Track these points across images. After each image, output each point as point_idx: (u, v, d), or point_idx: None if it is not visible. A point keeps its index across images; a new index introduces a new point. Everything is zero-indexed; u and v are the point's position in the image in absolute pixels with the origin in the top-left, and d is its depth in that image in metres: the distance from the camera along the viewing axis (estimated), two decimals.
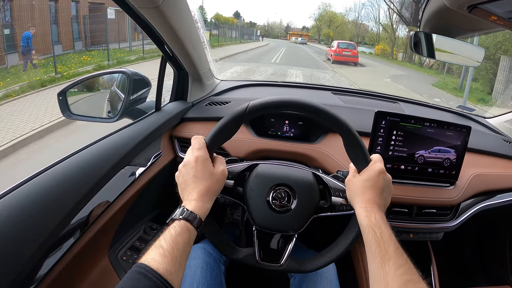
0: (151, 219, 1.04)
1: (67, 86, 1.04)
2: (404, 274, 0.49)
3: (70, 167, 0.71)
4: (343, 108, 1.19)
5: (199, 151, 0.60)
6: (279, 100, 0.63)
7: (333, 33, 46.72)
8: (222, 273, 0.85)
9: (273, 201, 0.68)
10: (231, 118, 0.63)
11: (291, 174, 0.72)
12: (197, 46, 1.00)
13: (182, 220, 0.53)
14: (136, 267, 0.46)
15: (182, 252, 0.50)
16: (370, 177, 0.62)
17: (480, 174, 1.02)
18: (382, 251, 0.53)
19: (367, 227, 0.57)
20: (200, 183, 0.58)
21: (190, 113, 1.11)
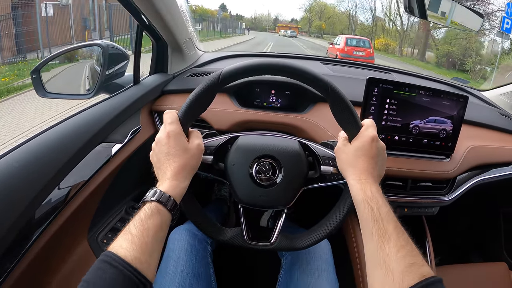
0: (133, 198, 0.99)
1: (40, 63, 0.98)
2: (407, 256, 0.45)
3: (41, 145, 0.66)
4: (333, 77, 1.14)
5: (171, 126, 0.55)
6: (255, 63, 0.57)
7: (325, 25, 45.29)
8: (208, 255, 0.80)
9: (257, 175, 0.63)
10: (203, 88, 0.57)
11: (275, 144, 0.66)
12: (174, 13, 0.93)
13: (154, 202, 0.48)
14: (102, 255, 0.43)
15: (153, 238, 0.46)
16: (363, 145, 0.56)
17: (476, 147, 0.98)
18: (381, 230, 0.48)
19: (362, 202, 0.52)
20: (174, 160, 0.54)
21: (170, 85, 1.04)
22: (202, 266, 0.75)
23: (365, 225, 0.50)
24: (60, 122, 0.74)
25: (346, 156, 0.58)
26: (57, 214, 0.68)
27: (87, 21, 11.07)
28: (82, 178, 0.75)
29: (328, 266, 0.77)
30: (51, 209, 0.66)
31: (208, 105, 0.59)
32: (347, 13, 42.42)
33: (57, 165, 0.65)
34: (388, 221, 0.48)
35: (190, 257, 0.74)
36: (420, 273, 0.43)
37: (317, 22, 47.58)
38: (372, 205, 0.50)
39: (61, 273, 0.73)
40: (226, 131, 0.93)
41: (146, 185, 1.03)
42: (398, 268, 0.43)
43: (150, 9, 0.85)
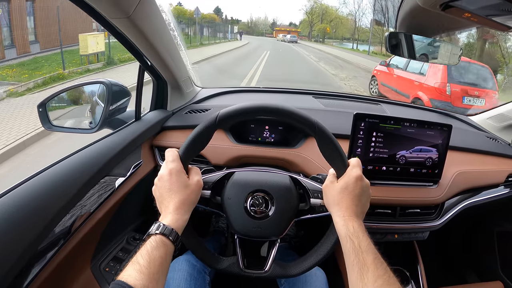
0: (134, 229, 1.03)
1: (47, 97, 1.03)
2: (383, 285, 0.49)
3: (48, 179, 0.70)
4: (324, 111, 1.19)
5: (173, 164, 0.60)
6: (248, 107, 0.63)
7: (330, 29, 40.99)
8: (207, 284, 0.84)
9: (251, 208, 0.68)
10: (201, 129, 0.63)
11: (268, 179, 0.71)
12: (173, 54, 0.99)
13: (158, 235, 0.53)
14: (113, 284, 0.46)
15: (159, 268, 0.50)
16: (347, 185, 0.61)
17: (463, 172, 1.02)
18: (361, 262, 0.52)
19: (345, 237, 0.56)
20: (175, 196, 0.58)
21: (170, 121, 1.10)
22: None
23: (347, 258, 0.55)
24: (67, 157, 0.79)
25: (332, 194, 0.63)
26: (63, 244, 0.72)
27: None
28: (87, 210, 0.79)
29: None
30: (58, 239, 0.70)
31: (206, 144, 0.65)
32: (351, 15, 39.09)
33: (65, 198, 0.69)
34: (368, 253, 0.53)
35: (190, 286, 0.78)
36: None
37: (320, 26, 43.48)
38: (353, 239, 0.55)
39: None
40: (223, 166, 0.98)
41: (146, 216, 1.08)
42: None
43: (151, 52, 0.91)
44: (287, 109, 0.63)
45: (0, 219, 0.57)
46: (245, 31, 46.42)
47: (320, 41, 41.28)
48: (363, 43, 33.84)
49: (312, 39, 44.00)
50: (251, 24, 55.47)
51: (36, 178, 0.69)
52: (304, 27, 48.64)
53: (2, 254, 0.55)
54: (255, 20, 56.82)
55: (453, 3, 0.67)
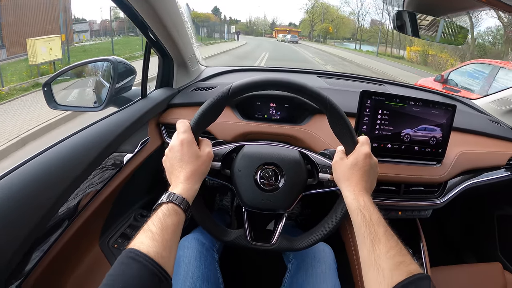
0: (141, 206, 1.04)
1: (52, 76, 1.03)
2: (396, 255, 0.50)
3: (57, 155, 0.71)
4: (329, 90, 1.20)
5: (184, 134, 0.60)
6: (261, 80, 0.63)
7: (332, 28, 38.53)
8: (215, 261, 0.85)
9: (261, 181, 0.69)
10: (214, 100, 0.63)
11: (278, 152, 0.72)
12: (181, 31, 0.99)
13: (170, 203, 0.53)
14: (125, 252, 0.45)
15: (172, 235, 0.50)
16: (357, 161, 0.62)
17: (466, 152, 1.04)
18: (372, 233, 0.53)
19: (355, 210, 0.57)
20: (186, 166, 0.59)
21: (176, 99, 1.10)
22: (211, 270, 0.80)
23: (359, 230, 0.56)
24: (74, 133, 0.79)
25: (342, 170, 0.64)
26: (72, 221, 0.73)
27: None
28: (96, 186, 0.80)
29: (332, 270, 0.82)
30: (67, 216, 0.71)
31: (217, 117, 0.65)
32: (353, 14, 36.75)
33: (73, 174, 0.70)
34: (379, 226, 0.54)
35: (200, 263, 0.79)
36: (408, 270, 0.48)
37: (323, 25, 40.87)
38: (364, 212, 0.56)
39: (75, 274, 0.77)
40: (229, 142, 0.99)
41: (153, 193, 1.08)
42: (387, 267, 0.49)
43: (158, 25, 0.90)
44: (298, 83, 0.63)
45: (6, 198, 0.58)
46: (243, 31, 44.07)
47: (321, 41, 39.69)
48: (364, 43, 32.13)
49: (313, 39, 41.02)
50: (250, 24, 51.80)
51: (43, 155, 0.69)
52: (304, 27, 44.83)
53: (12, 231, 0.56)
54: (254, 20, 53.15)
55: None
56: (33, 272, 0.63)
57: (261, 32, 49.48)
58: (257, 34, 47.70)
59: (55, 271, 0.70)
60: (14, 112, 4.13)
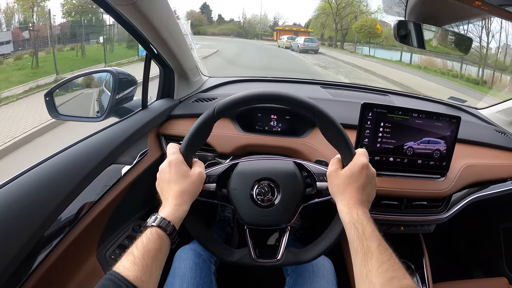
0: (140, 217, 1.03)
1: (54, 86, 1.04)
2: (388, 270, 0.48)
3: (55, 166, 0.71)
4: (332, 101, 1.18)
5: (172, 156, 0.62)
6: (246, 95, 0.63)
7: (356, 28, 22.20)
8: (212, 273, 0.84)
9: (257, 197, 0.68)
10: (201, 121, 0.63)
11: (272, 167, 0.71)
12: (179, 42, 0.99)
13: (154, 227, 0.54)
14: (108, 273, 0.47)
15: (153, 260, 0.50)
16: (353, 173, 0.60)
17: (471, 165, 1.01)
18: (364, 248, 0.52)
19: (348, 224, 0.56)
20: (174, 186, 0.59)
21: (176, 110, 1.10)
22: (206, 283, 0.79)
23: (352, 244, 0.55)
24: (73, 145, 0.80)
25: (337, 183, 0.62)
26: (69, 231, 0.73)
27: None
28: (93, 197, 0.80)
29: (331, 285, 0.80)
30: (63, 226, 0.71)
31: (207, 137, 0.65)
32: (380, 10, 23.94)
33: (70, 185, 0.70)
34: (372, 240, 0.52)
35: (195, 274, 0.79)
36: (400, 286, 0.46)
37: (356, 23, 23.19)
38: (357, 226, 0.55)
39: (71, 284, 0.76)
40: (229, 155, 0.98)
41: (152, 204, 1.08)
42: (378, 282, 0.47)
43: (157, 39, 0.91)
44: (284, 94, 0.62)
45: (5, 206, 0.58)
46: (235, 33, 36.02)
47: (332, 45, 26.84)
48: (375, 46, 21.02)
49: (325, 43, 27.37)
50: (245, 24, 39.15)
51: (42, 165, 0.69)
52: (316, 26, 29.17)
53: (8, 240, 0.56)
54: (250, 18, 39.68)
55: None
56: (28, 281, 0.63)
57: (258, 33, 37.01)
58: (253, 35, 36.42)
59: (51, 281, 0.69)
60: None
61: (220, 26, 38.19)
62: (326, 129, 0.63)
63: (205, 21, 37.96)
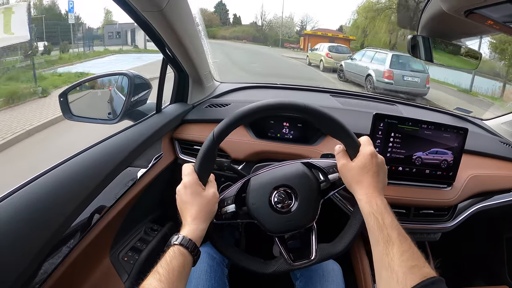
0: (151, 220, 1.04)
1: (68, 87, 1.05)
2: (409, 259, 0.50)
3: (72, 169, 0.72)
4: (342, 110, 1.21)
5: (187, 177, 0.64)
6: (239, 114, 0.65)
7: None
8: (225, 276, 0.86)
9: (277, 206, 0.69)
10: (205, 148, 0.66)
11: (283, 173, 0.72)
12: (198, 48, 1.01)
13: (176, 245, 0.56)
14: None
15: (178, 276, 0.53)
16: (364, 164, 0.63)
17: (477, 175, 1.04)
18: (385, 237, 0.53)
19: (369, 214, 0.58)
20: (191, 207, 0.62)
21: (190, 115, 1.12)
22: (220, 286, 0.81)
23: (372, 234, 0.57)
24: (90, 147, 0.81)
25: (352, 174, 0.64)
26: (85, 234, 0.74)
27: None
28: (109, 200, 0.81)
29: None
30: (79, 229, 0.72)
31: (214, 160, 0.67)
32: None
33: (88, 188, 0.71)
34: (392, 229, 0.54)
35: (210, 278, 0.81)
36: (422, 274, 0.48)
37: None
38: (377, 216, 0.57)
39: (86, 286, 0.77)
40: (243, 160, 0.99)
41: (164, 207, 1.09)
42: (401, 270, 0.49)
43: (175, 43, 0.92)
44: (272, 103, 0.65)
45: (23, 209, 0.59)
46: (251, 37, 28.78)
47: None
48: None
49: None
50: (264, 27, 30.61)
51: (60, 167, 0.70)
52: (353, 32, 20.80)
53: (26, 242, 0.57)
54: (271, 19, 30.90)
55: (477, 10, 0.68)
56: (44, 284, 0.64)
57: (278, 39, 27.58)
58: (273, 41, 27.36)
59: (65, 283, 0.70)
60: None
61: (232, 28, 31.41)
62: (322, 123, 0.66)
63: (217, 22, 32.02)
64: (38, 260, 0.60)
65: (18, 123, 3.74)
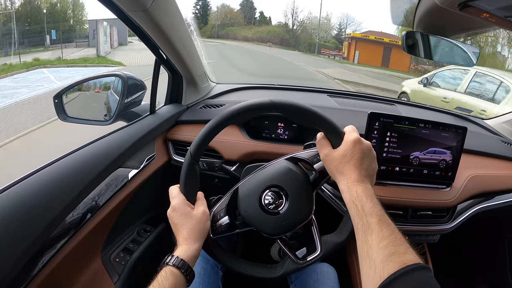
0: (144, 221, 1.04)
1: (63, 89, 1.05)
2: (388, 246, 0.47)
3: (63, 168, 0.72)
4: (339, 110, 1.19)
5: (174, 200, 0.64)
6: (207, 129, 0.64)
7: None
8: (219, 279, 0.85)
9: (269, 207, 0.67)
10: (185, 167, 0.65)
11: (267, 174, 0.70)
12: (189, 49, 1.00)
13: (169, 266, 0.57)
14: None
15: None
16: (346, 151, 0.60)
17: (477, 175, 1.01)
18: (365, 224, 0.51)
19: (349, 202, 0.56)
20: (182, 228, 0.62)
21: (184, 116, 1.11)
22: None
23: (353, 222, 0.55)
24: (81, 147, 0.80)
25: (334, 165, 0.62)
26: (74, 233, 0.73)
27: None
28: (100, 200, 0.81)
29: None
30: (69, 229, 0.71)
31: (198, 177, 0.66)
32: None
33: (77, 188, 0.71)
34: (372, 216, 0.52)
35: (203, 280, 0.80)
36: (401, 261, 0.44)
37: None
38: (356, 203, 0.55)
39: (76, 286, 0.76)
40: (236, 161, 0.98)
41: (157, 209, 1.09)
42: (379, 258, 0.46)
43: (167, 45, 0.92)
44: (240, 107, 0.63)
45: (12, 207, 0.59)
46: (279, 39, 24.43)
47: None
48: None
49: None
50: (295, 27, 25.48)
51: (49, 167, 0.70)
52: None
53: (13, 241, 0.57)
54: (303, 19, 25.77)
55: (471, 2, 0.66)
56: (32, 283, 0.63)
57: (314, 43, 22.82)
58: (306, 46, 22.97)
59: (55, 283, 0.69)
60: None
61: (256, 28, 26.67)
62: (294, 116, 0.64)
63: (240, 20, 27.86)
64: (24, 260, 0.59)
65: None
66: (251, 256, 0.71)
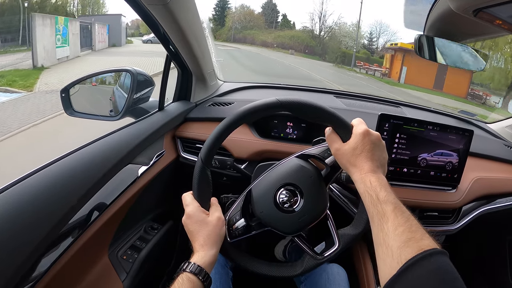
0: (152, 219, 1.03)
1: (70, 83, 1.04)
2: (405, 232, 0.47)
3: (72, 164, 0.71)
4: (346, 111, 1.19)
5: (188, 207, 0.64)
6: (216, 134, 0.64)
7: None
8: (230, 279, 0.85)
9: (284, 206, 0.67)
10: (197, 172, 0.65)
11: (279, 173, 0.70)
12: (202, 46, 1.00)
13: (186, 272, 0.56)
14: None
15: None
16: (357, 144, 0.61)
17: (481, 178, 1.03)
18: (380, 213, 0.52)
19: (363, 193, 0.57)
20: (198, 235, 0.62)
21: (193, 113, 1.11)
22: None
23: (368, 212, 0.55)
24: (90, 143, 0.79)
25: (346, 158, 0.62)
26: (83, 231, 0.73)
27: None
28: (109, 197, 0.80)
29: None
30: (78, 226, 0.71)
31: (210, 182, 0.66)
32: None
33: (87, 184, 0.70)
34: (387, 204, 0.52)
35: (215, 281, 0.79)
36: (418, 246, 0.45)
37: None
38: (371, 193, 0.55)
39: (82, 284, 0.76)
40: (246, 160, 0.98)
41: (164, 206, 1.08)
42: (396, 244, 0.46)
43: (180, 39, 0.91)
44: (246, 109, 0.63)
45: (21, 203, 0.58)
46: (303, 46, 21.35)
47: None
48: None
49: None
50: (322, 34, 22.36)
51: (58, 163, 0.69)
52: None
53: (22, 238, 0.56)
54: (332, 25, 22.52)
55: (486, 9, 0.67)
56: (41, 281, 0.62)
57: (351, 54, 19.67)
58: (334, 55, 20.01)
59: (63, 280, 0.69)
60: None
61: (276, 33, 23.66)
62: (304, 112, 0.65)
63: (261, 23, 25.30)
64: (34, 257, 0.58)
65: None
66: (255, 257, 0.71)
